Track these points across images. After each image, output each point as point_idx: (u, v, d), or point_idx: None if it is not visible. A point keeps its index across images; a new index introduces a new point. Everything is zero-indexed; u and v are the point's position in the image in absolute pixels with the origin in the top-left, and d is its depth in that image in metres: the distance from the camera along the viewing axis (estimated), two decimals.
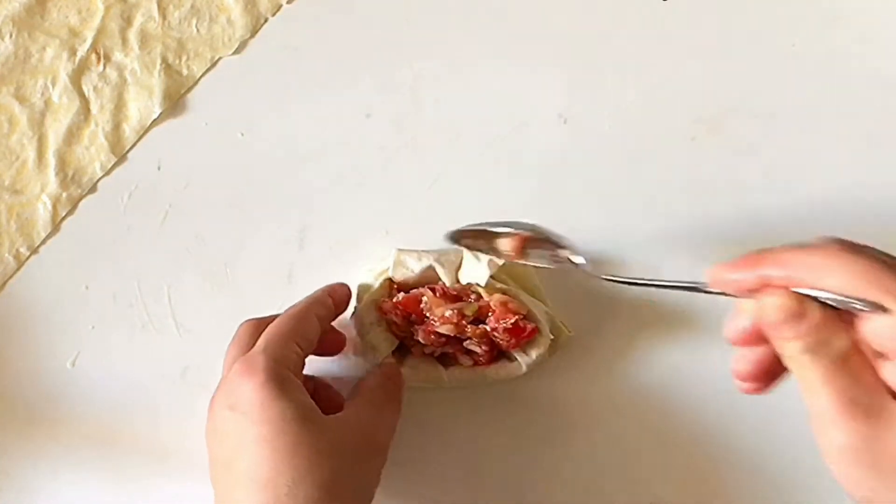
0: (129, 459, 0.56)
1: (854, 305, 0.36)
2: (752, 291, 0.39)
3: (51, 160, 0.57)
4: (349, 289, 0.54)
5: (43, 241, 0.57)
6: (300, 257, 0.57)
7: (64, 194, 0.57)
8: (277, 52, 0.59)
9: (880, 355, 0.37)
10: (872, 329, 0.37)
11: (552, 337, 0.54)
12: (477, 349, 0.53)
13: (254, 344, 0.49)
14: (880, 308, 0.35)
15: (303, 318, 0.50)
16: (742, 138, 0.59)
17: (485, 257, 0.54)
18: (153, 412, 0.56)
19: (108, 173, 0.58)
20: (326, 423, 0.47)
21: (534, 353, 0.54)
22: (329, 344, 0.54)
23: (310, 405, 0.47)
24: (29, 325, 0.56)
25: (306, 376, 0.52)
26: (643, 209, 0.58)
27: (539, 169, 0.58)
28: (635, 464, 0.56)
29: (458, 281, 0.54)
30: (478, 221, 0.53)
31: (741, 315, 0.41)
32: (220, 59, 0.59)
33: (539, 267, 0.52)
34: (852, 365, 0.37)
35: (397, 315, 0.53)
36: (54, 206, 0.57)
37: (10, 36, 0.58)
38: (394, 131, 0.58)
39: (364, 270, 0.56)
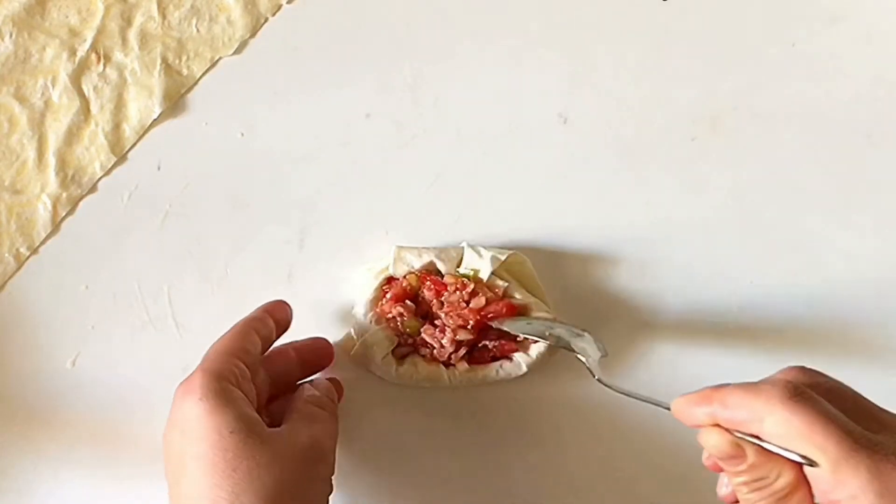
0: (129, 459, 0.56)
1: (788, 455, 0.38)
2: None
3: (51, 160, 0.57)
4: (288, 306, 0.53)
5: (43, 241, 0.57)
6: (300, 257, 0.57)
7: (64, 194, 0.57)
8: (277, 52, 0.59)
9: None
10: (812, 474, 0.38)
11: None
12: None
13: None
14: (810, 461, 0.37)
15: (239, 333, 0.50)
16: (742, 138, 0.59)
17: (486, 253, 0.54)
18: (153, 412, 0.56)
19: (108, 173, 0.58)
20: (266, 435, 0.46)
21: (534, 353, 0.54)
22: (318, 358, 0.54)
23: (249, 418, 0.46)
24: (29, 325, 0.56)
25: (266, 384, 0.52)
26: (643, 209, 0.58)
27: (539, 169, 0.58)
28: (635, 464, 0.56)
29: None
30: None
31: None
32: (220, 59, 0.59)
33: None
34: (793, 501, 0.38)
35: (402, 313, 0.54)
36: (54, 206, 0.57)
37: (10, 36, 0.58)
38: (394, 131, 0.58)
39: (363, 270, 0.56)
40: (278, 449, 0.46)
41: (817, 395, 0.39)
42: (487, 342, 0.54)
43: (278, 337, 0.53)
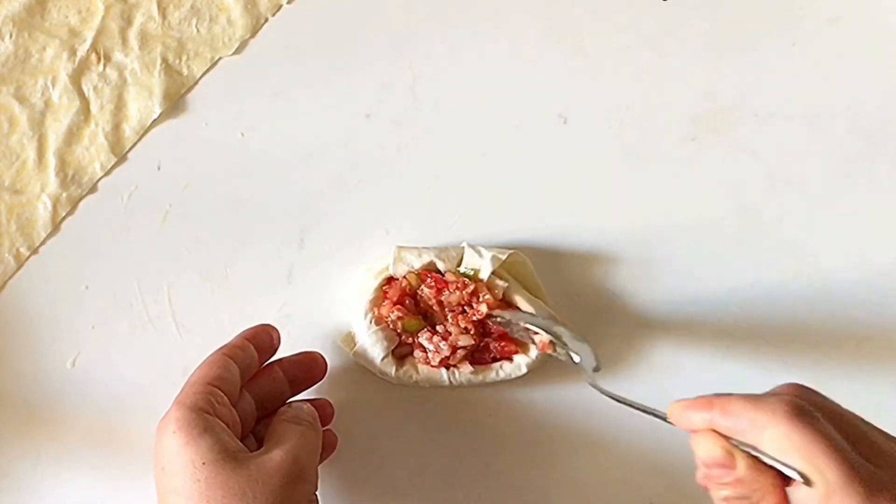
0: (129, 459, 0.56)
1: (784, 471, 0.38)
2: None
3: (51, 160, 0.57)
4: (272, 330, 0.53)
5: (43, 242, 0.57)
6: (300, 257, 0.57)
7: (64, 194, 0.57)
8: (277, 52, 0.59)
9: None
10: (798, 498, 0.38)
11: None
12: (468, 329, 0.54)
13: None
14: (807, 479, 0.37)
15: (214, 362, 0.49)
16: (742, 138, 0.59)
17: (487, 253, 0.54)
18: (153, 412, 0.55)
19: (108, 173, 0.58)
20: (241, 461, 0.45)
21: (534, 354, 0.54)
22: (307, 373, 0.54)
23: (224, 446, 0.46)
24: (29, 325, 0.56)
25: (251, 406, 0.51)
26: (643, 209, 0.58)
27: (539, 169, 0.58)
28: (634, 464, 0.56)
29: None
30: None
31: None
32: (220, 59, 0.59)
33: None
34: None
35: (400, 317, 0.54)
36: (54, 206, 0.57)
37: (10, 36, 0.58)
38: (394, 131, 0.58)
39: (363, 270, 0.56)
40: (252, 474, 0.45)
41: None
42: (490, 342, 0.54)
43: (264, 362, 0.52)
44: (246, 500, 0.44)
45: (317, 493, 0.49)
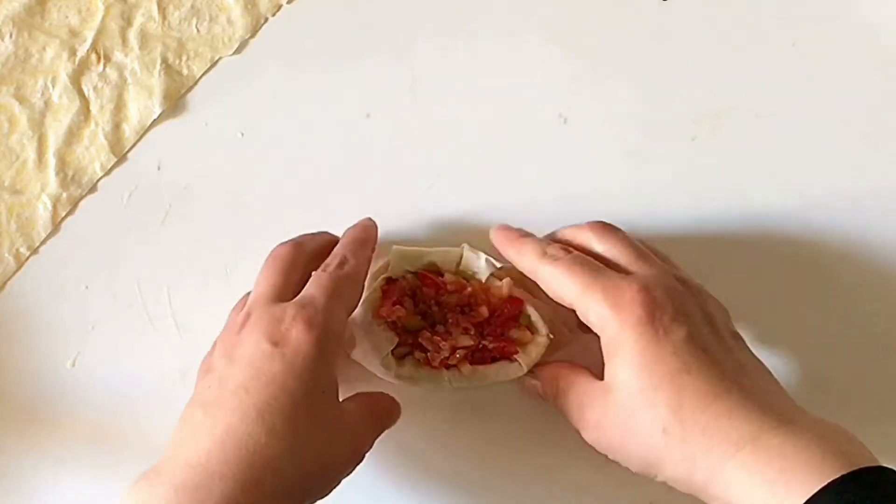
0: (129, 459, 0.56)
1: None
2: None
3: (51, 160, 0.57)
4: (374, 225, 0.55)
5: (43, 241, 0.57)
6: None
7: (64, 194, 0.57)
8: (277, 52, 0.59)
9: None
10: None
11: (552, 337, 0.54)
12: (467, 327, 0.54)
13: (296, 279, 0.50)
14: None
15: (357, 283, 0.51)
16: (742, 138, 0.59)
17: (484, 256, 0.54)
18: (153, 412, 0.56)
19: (108, 173, 0.58)
20: (341, 406, 0.48)
21: (534, 353, 0.54)
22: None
23: (336, 387, 0.47)
24: (29, 325, 0.56)
25: None
26: (643, 209, 0.58)
27: (539, 169, 0.58)
28: None
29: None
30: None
31: None
32: (220, 59, 0.59)
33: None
34: None
35: (400, 317, 0.54)
36: (54, 206, 0.57)
37: (10, 36, 0.58)
38: (394, 131, 0.58)
39: None
40: (339, 424, 0.47)
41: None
42: (487, 343, 0.54)
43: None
44: (324, 440, 0.46)
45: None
